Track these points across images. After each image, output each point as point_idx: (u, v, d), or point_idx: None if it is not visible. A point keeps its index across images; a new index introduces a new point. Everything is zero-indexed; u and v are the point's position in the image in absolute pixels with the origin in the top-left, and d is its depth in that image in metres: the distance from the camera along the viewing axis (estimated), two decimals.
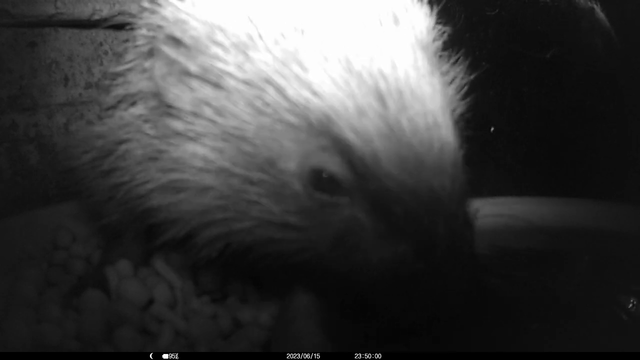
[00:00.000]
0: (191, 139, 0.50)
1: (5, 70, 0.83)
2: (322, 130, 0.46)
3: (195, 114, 0.50)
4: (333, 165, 0.46)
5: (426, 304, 0.46)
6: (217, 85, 0.49)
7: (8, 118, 0.84)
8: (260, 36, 0.48)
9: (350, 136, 0.44)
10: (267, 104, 0.47)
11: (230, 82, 0.48)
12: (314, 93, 0.45)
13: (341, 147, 0.45)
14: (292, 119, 0.46)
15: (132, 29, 0.59)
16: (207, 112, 0.49)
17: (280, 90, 0.46)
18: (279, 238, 0.49)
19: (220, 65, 0.48)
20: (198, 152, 0.50)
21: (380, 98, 0.45)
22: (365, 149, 0.44)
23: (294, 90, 0.46)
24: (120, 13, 0.82)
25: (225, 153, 0.49)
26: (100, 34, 0.88)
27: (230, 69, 0.48)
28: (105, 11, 0.82)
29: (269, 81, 0.47)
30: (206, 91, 0.49)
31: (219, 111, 0.49)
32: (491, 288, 0.55)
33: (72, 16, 0.81)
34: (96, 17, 0.82)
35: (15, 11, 0.78)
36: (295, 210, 0.48)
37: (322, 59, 0.46)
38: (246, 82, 0.48)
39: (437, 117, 0.46)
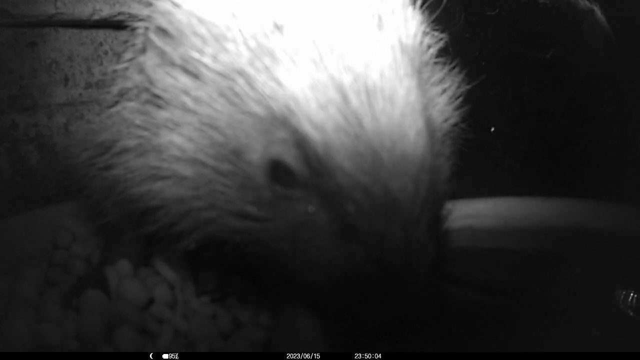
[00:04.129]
0: (170, 128, 0.51)
1: (5, 70, 0.83)
2: (283, 122, 0.46)
3: (176, 104, 0.51)
4: (289, 157, 0.46)
5: (376, 309, 0.44)
6: (195, 76, 0.50)
7: (8, 118, 0.84)
8: (239, 29, 0.48)
9: (306, 128, 0.44)
10: (237, 95, 0.48)
11: (206, 73, 0.49)
12: (279, 84, 0.45)
13: (297, 138, 0.45)
14: (258, 109, 0.47)
15: (132, 28, 0.59)
16: (186, 101, 0.50)
17: (249, 81, 0.47)
18: (240, 228, 0.49)
19: (197, 56, 0.49)
20: (175, 142, 0.51)
21: (343, 93, 0.44)
22: (320, 141, 0.44)
23: (261, 81, 0.46)
24: (120, 13, 0.82)
25: (199, 143, 0.50)
26: (100, 34, 0.88)
27: (206, 60, 0.49)
28: (105, 11, 0.82)
29: (240, 72, 0.47)
30: (186, 81, 0.50)
31: (196, 101, 0.50)
32: (452, 298, 0.53)
33: (72, 16, 0.81)
34: (96, 17, 0.82)
35: (15, 11, 0.78)
36: (254, 201, 0.48)
37: (293, 53, 0.46)
38: (220, 73, 0.48)
39: (405, 120, 0.45)
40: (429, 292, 0.44)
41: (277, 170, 0.47)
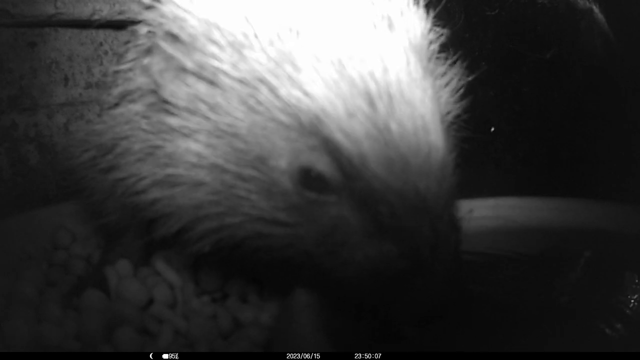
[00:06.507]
0: (185, 134, 0.51)
1: (5, 70, 0.83)
2: (312, 130, 0.46)
3: (190, 110, 0.51)
4: (321, 164, 0.47)
5: (411, 303, 0.46)
6: (211, 83, 0.50)
7: (8, 118, 0.84)
8: (255, 36, 0.48)
9: (338, 137, 0.45)
10: (260, 103, 0.48)
11: (225, 80, 0.49)
12: (305, 93, 0.46)
13: (330, 147, 0.46)
14: (283, 118, 0.47)
15: (133, 28, 0.59)
16: (202, 108, 0.50)
17: (273, 89, 0.47)
18: (268, 233, 0.50)
19: (215, 63, 0.49)
20: (192, 148, 0.51)
21: (370, 101, 0.46)
22: (353, 150, 0.45)
23: (286, 90, 0.47)
24: (120, 13, 0.82)
25: (218, 149, 0.50)
26: (100, 34, 0.88)
27: (225, 67, 0.49)
28: (105, 11, 0.82)
29: (262, 80, 0.48)
30: (201, 88, 0.50)
31: (213, 108, 0.50)
32: (475, 291, 0.55)
33: (72, 16, 0.81)
34: (96, 17, 0.82)
35: (15, 11, 0.78)
36: (284, 207, 0.49)
37: (315, 60, 0.47)
38: (240, 81, 0.48)
39: (426, 121, 0.47)
40: (456, 280, 0.47)
41: (307, 176, 0.48)
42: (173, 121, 0.51)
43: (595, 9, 0.90)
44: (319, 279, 0.50)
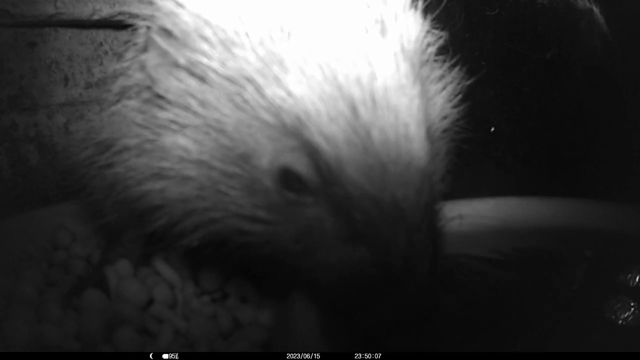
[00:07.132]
0: (175, 129, 0.52)
1: (5, 70, 0.83)
2: (294, 131, 0.47)
3: (181, 106, 0.51)
4: (300, 166, 0.47)
5: (380, 310, 0.46)
6: (201, 79, 0.50)
7: (8, 118, 0.84)
8: (247, 34, 0.49)
9: (318, 140, 0.46)
10: (246, 101, 0.48)
11: (214, 77, 0.49)
12: (289, 94, 0.46)
13: (309, 149, 0.46)
14: (267, 117, 0.47)
15: (133, 29, 0.59)
16: (192, 104, 0.51)
17: (259, 88, 0.47)
18: (248, 230, 0.51)
19: (205, 60, 0.49)
20: (180, 143, 0.51)
21: (353, 106, 0.46)
22: (332, 154, 0.45)
23: (271, 90, 0.47)
24: (120, 13, 0.82)
25: (205, 145, 0.50)
26: (100, 34, 0.88)
27: (214, 64, 0.49)
28: (105, 11, 0.82)
29: (249, 79, 0.48)
30: (191, 83, 0.51)
31: (202, 104, 0.50)
32: (446, 306, 0.55)
33: (72, 16, 0.81)
34: (96, 17, 0.82)
35: (15, 11, 0.78)
36: (264, 205, 0.49)
37: (302, 62, 0.47)
38: (228, 78, 0.49)
39: (409, 130, 0.46)
40: (427, 294, 0.47)
41: (287, 177, 0.48)
42: (165, 115, 0.52)
43: (595, 9, 0.89)
44: (295, 278, 0.51)
